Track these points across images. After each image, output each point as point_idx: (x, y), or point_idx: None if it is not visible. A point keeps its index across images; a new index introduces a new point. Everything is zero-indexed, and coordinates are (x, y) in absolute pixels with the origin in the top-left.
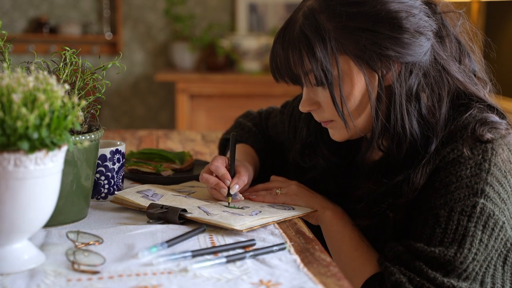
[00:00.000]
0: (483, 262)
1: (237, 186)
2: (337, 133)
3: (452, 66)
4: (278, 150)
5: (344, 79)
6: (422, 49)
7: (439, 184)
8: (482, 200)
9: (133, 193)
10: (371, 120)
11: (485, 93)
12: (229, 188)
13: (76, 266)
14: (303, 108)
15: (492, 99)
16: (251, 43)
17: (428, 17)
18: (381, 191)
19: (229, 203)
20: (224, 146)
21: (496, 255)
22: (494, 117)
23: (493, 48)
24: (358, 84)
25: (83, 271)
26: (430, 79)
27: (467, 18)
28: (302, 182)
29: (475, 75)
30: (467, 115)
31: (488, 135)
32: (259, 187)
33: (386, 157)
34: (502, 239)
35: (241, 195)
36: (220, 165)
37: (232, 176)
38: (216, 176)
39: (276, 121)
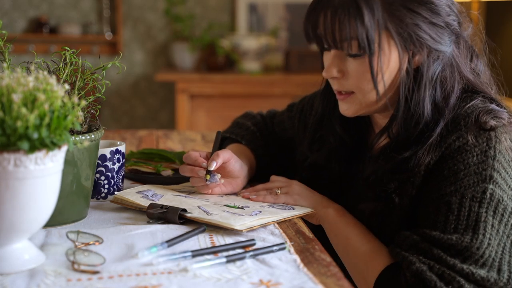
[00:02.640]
0: (498, 247)
1: (214, 163)
2: (351, 107)
3: (463, 62)
4: (284, 147)
5: (382, 52)
6: (448, 40)
7: (447, 172)
8: (491, 186)
9: (133, 193)
10: (392, 98)
11: (490, 91)
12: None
13: (76, 266)
14: (329, 73)
15: (496, 96)
16: (251, 43)
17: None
18: (388, 168)
19: (206, 180)
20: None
21: (509, 242)
22: (496, 107)
23: (498, 51)
24: (392, 61)
25: (83, 271)
26: (447, 71)
27: (482, 21)
28: (309, 170)
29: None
30: (470, 104)
31: (492, 122)
32: (259, 187)
33: (393, 142)
34: None
35: (219, 175)
36: (191, 153)
37: None
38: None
39: (283, 119)
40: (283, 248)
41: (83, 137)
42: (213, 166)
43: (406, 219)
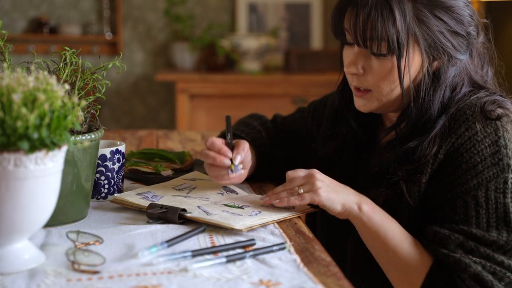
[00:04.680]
0: None
1: (239, 156)
2: (367, 104)
3: (473, 70)
4: (293, 147)
5: (407, 55)
6: (466, 48)
7: (466, 165)
8: (511, 175)
9: (133, 195)
10: (406, 98)
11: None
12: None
13: (76, 266)
14: (352, 69)
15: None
16: (251, 43)
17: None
18: (392, 159)
19: (232, 170)
20: None
21: None
22: (500, 97)
23: (499, 57)
24: (415, 64)
25: (83, 271)
26: (460, 76)
27: (491, 28)
28: (319, 164)
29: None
30: (475, 96)
31: (498, 111)
32: (279, 189)
33: (398, 136)
34: None
35: (241, 166)
36: (216, 140)
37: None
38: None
39: (294, 119)
40: (283, 248)
41: (83, 137)
42: (238, 159)
43: (417, 208)
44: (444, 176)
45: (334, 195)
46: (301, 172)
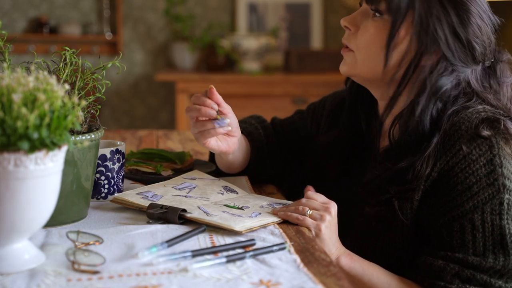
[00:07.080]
0: None
1: (225, 107)
2: (346, 66)
3: (487, 96)
4: (290, 149)
5: (401, 26)
6: (464, 59)
7: (461, 186)
8: (506, 196)
9: (133, 195)
10: (393, 84)
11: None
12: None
13: (76, 266)
14: (345, 21)
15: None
16: (251, 43)
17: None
18: (385, 177)
19: (219, 118)
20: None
21: None
22: (494, 114)
23: None
24: (404, 43)
25: (83, 271)
26: (461, 94)
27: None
28: (311, 171)
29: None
30: (470, 110)
31: (490, 131)
32: (291, 205)
33: (393, 146)
34: None
35: (228, 120)
36: (199, 94)
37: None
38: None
39: (293, 120)
40: (283, 248)
41: (83, 137)
42: (224, 108)
43: (410, 225)
44: (440, 197)
45: (327, 238)
46: (320, 198)
